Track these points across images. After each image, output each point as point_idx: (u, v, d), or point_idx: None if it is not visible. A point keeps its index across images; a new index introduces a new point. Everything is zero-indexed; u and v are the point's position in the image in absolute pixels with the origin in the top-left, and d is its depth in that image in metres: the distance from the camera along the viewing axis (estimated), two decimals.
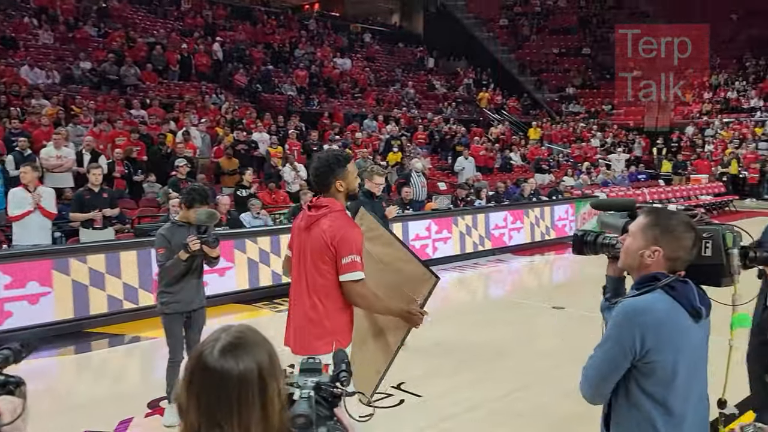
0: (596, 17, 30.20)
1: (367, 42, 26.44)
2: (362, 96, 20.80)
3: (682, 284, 1.85)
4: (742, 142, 21.36)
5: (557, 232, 12.14)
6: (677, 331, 1.82)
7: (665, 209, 1.95)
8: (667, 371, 1.82)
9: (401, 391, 4.76)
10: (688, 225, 1.87)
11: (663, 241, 1.84)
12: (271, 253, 8.31)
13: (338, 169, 3.02)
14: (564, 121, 24.05)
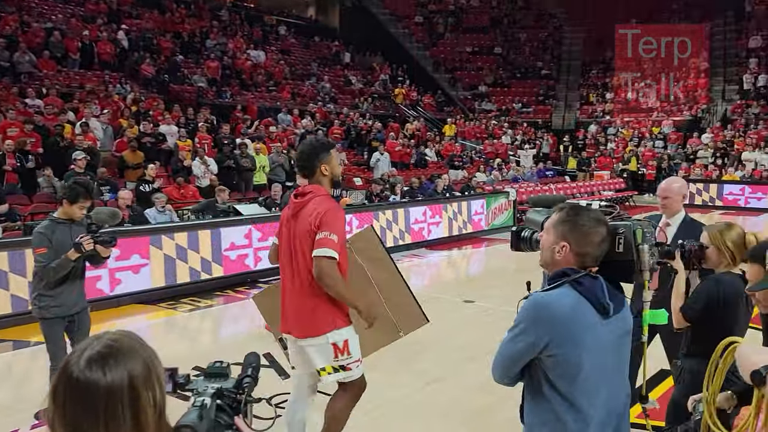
0: (507, 17, 31.11)
1: (282, 34, 25.96)
2: (277, 89, 20.38)
3: (591, 280, 1.83)
4: (641, 140, 22.64)
5: (474, 226, 12.45)
6: (582, 326, 1.80)
7: (578, 205, 1.92)
8: (570, 366, 1.81)
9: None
10: (597, 221, 1.86)
11: (571, 237, 1.84)
12: (189, 249, 8.01)
13: (323, 153, 3.11)
14: (477, 119, 24.62)
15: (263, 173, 12.37)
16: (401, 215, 10.87)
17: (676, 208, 3.69)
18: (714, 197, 17.40)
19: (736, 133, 21.11)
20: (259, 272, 8.73)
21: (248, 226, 8.61)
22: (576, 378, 1.81)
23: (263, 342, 5.94)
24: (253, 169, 12.16)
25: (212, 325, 7.39)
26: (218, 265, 8.25)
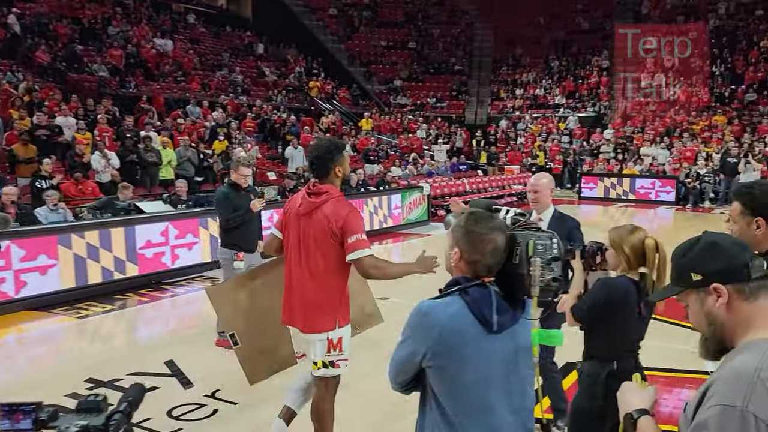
0: (421, 12, 31.42)
1: (191, 23, 25.01)
2: (186, 80, 19.62)
3: (480, 290, 1.73)
4: (548, 135, 23.51)
5: (394, 220, 12.53)
6: (462, 339, 1.70)
7: (479, 212, 1.83)
8: (449, 380, 1.73)
9: (215, 400, 4.41)
10: (492, 229, 1.76)
11: (462, 244, 1.77)
12: (101, 248, 7.60)
13: (337, 156, 3.19)
14: (392, 113, 24.73)
15: (170, 168, 11.83)
16: None
17: (545, 202, 3.72)
18: (627, 191, 18.23)
19: (635, 129, 22.33)
20: (177, 271, 8.42)
21: (165, 223, 8.26)
22: (457, 393, 1.73)
23: (177, 346, 5.68)
24: (158, 164, 11.60)
25: (126, 328, 7.00)
26: (133, 264, 7.92)
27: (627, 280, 2.75)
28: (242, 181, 5.50)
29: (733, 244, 1.38)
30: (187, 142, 12.48)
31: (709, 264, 1.36)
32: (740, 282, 1.33)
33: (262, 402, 4.35)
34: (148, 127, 12.55)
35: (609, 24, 28.25)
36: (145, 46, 19.73)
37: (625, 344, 2.80)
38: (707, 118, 21.73)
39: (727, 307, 1.34)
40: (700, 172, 17.73)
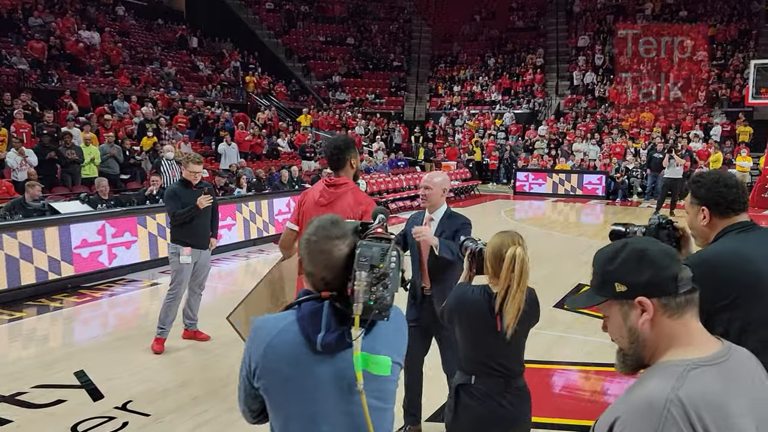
0: (359, 8, 31.30)
1: (120, 15, 24.09)
2: (114, 74, 18.87)
3: (313, 306, 1.56)
4: (485, 132, 23.85)
5: None
6: (286, 358, 1.54)
7: (325, 219, 1.64)
8: (274, 403, 1.58)
9: (126, 412, 4.21)
10: (329, 239, 1.57)
11: (302, 254, 1.63)
12: (35, 248, 7.25)
13: (352, 149, 3.41)
14: (331, 109, 24.55)
15: (93, 166, 11.33)
16: (264, 206, 10.66)
17: (437, 201, 3.63)
18: (575, 186, 18.61)
19: (568, 125, 22.93)
20: (114, 270, 8.13)
21: (101, 221, 7.95)
22: (287, 424, 1.57)
23: (93, 353, 5.41)
24: (80, 162, 11.09)
25: (62, 329, 6.65)
26: (68, 263, 7.62)
27: (480, 289, 2.56)
28: (192, 177, 5.45)
29: (662, 254, 1.24)
30: (112, 139, 11.98)
31: (635, 275, 1.23)
32: (667, 296, 1.21)
33: (174, 413, 4.19)
34: (70, 123, 11.96)
35: (543, 22, 28.93)
36: (70, 39, 18.87)
37: (480, 359, 2.56)
38: (635, 114, 22.52)
39: (652, 323, 1.22)
40: (629, 167, 18.36)
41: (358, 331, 1.50)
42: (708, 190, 2.14)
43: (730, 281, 1.95)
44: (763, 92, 18.21)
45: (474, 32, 30.06)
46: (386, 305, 1.52)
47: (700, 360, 1.17)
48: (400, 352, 1.64)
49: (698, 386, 1.12)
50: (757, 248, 2.01)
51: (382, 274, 1.51)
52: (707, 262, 2.02)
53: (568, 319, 6.41)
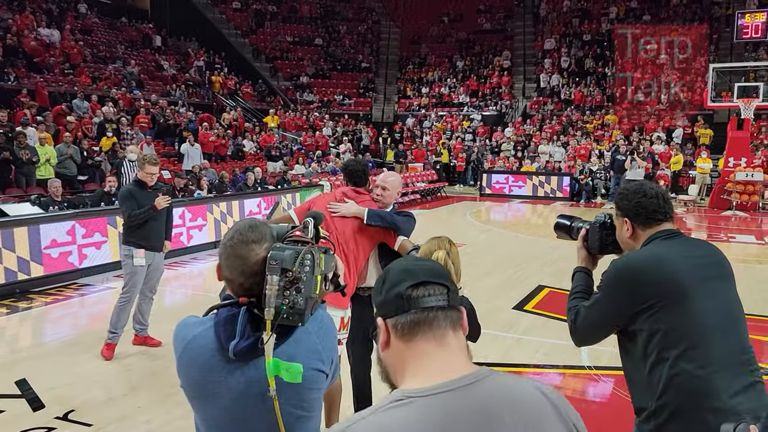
0: (327, 9, 31.17)
1: (82, 13, 23.56)
2: (74, 73, 18.43)
3: (229, 311, 1.52)
4: (452, 133, 23.93)
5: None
6: (200, 363, 1.50)
7: (244, 223, 1.60)
8: (196, 409, 1.55)
9: (68, 422, 4.05)
10: (245, 243, 1.52)
11: (220, 260, 1.58)
12: (3, 248, 7.12)
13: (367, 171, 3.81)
14: (298, 110, 24.37)
15: (49, 166, 11.01)
16: (235, 207, 10.52)
17: (389, 201, 3.66)
18: (555, 189, 18.71)
19: (534, 127, 23.14)
20: (85, 270, 7.96)
21: (71, 221, 7.74)
22: (204, 424, 1.54)
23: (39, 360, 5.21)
24: (35, 162, 10.77)
25: (31, 329, 6.43)
26: (38, 264, 7.43)
27: None
28: (148, 179, 5.31)
29: (400, 271, 1.17)
30: (69, 139, 11.67)
31: (376, 296, 1.19)
32: (396, 316, 1.14)
33: (118, 421, 4.05)
34: (24, 123, 11.61)
35: (510, 25, 29.17)
36: (28, 36, 18.37)
37: None
38: (600, 117, 22.84)
39: (387, 345, 1.16)
40: (593, 169, 18.59)
41: (269, 336, 1.45)
42: (629, 201, 2.14)
43: (650, 286, 1.95)
44: (725, 96, 18.64)
45: (442, 34, 30.17)
46: (299, 310, 1.47)
47: (411, 391, 1.07)
48: (325, 359, 1.57)
49: (374, 424, 1.04)
50: (679, 255, 2.01)
51: (294, 278, 1.47)
52: (628, 267, 2.03)
53: (527, 321, 6.42)
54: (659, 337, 1.93)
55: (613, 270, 2.05)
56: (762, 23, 17.98)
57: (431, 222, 14.10)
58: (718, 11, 25.42)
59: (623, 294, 1.99)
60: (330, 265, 1.63)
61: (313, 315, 1.56)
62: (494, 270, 8.77)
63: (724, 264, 2.07)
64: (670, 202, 2.17)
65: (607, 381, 4.79)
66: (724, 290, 2.01)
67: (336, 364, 1.64)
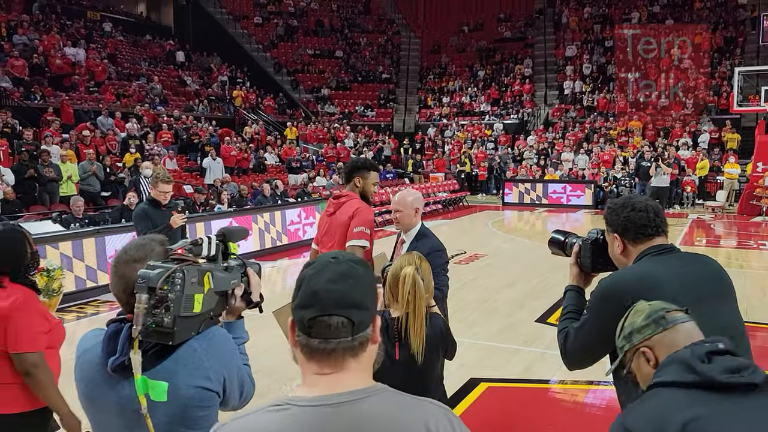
0: (347, 21, 31.36)
1: (107, 32, 24.05)
2: (99, 90, 18.76)
3: (116, 328, 1.55)
4: (474, 142, 23.79)
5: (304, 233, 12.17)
6: (87, 375, 1.55)
7: (138, 240, 1.65)
8: (87, 416, 1.61)
9: None
10: (126, 262, 1.56)
11: (110, 278, 1.68)
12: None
13: (361, 170, 3.81)
14: (320, 121, 24.48)
15: (72, 183, 11.15)
16: (278, 217, 10.83)
17: (409, 222, 3.47)
18: (540, 196, 18.58)
19: (556, 135, 22.89)
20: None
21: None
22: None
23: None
24: (58, 180, 10.93)
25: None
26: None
27: (380, 316, 2.44)
28: (161, 197, 5.22)
29: (311, 293, 1.16)
30: (92, 156, 11.83)
31: (293, 297, 1.23)
32: (298, 332, 1.17)
33: None
34: (48, 140, 11.81)
35: (530, 33, 29.00)
36: (54, 55, 18.77)
37: None
38: (624, 123, 22.51)
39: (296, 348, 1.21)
40: (617, 176, 18.29)
41: (136, 354, 1.47)
42: (617, 215, 2.03)
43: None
44: (751, 99, 18.24)
45: (462, 43, 30.12)
46: (166, 329, 1.47)
47: (294, 398, 1.13)
48: (213, 377, 1.56)
49: (242, 425, 1.12)
50: (670, 272, 1.88)
51: (162, 297, 1.46)
52: (613, 286, 1.92)
53: (551, 334, 6.27)
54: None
55: (599, 290, 1.95)
56: None
57: (454, 232, 13.98)
58: (743, 14, 24.95)
59: (609, 315, 1.84)
60: (225, 282, 1.64)
61: (203, 333, 1.56)
62: (517, 281, 8.63)
63: (722, 279, 1.94)
64: (662, 215, 2.04)
65: None
66: (722, 309, 1.88)
67: (241, 382, 1.64)
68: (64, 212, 8.73)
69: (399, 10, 32.73)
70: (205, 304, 1.54)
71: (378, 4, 33.25)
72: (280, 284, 9.46)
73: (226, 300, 1.67)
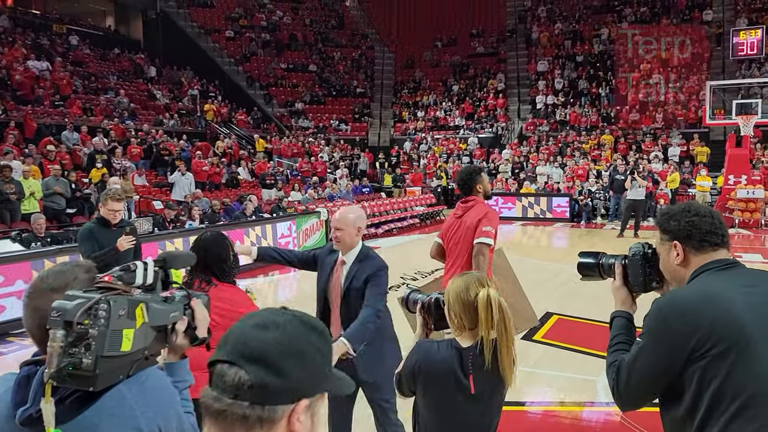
0: (321, 35, 31.24)
1: (73, 45, 23.50)
2: (64, 104, 18.23)
3: (29, 371, 1.33)
4: (449, 156, 23.75)
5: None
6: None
7: (57, 267, 1.42)
8: None
9: None
10: (39, 294, 1.34)
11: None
12: None
13: (477, 177, 4.18)
14: (294, 136, 24.20)
15: (34, 200, 10.66)
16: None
17: (351, 242, 3.19)
18: (544, 209, 18.41)
19: (531, 148, 22.97)
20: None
21: (53, 258, 7.06)
22: None
23: None
24: (20, 196, 10.43)
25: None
26: None
27: (447, 345, 2.13)
28: (111, 216, 4.81)
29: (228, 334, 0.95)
30: (58, 172, 11.37)
31: None
32: None
33: None
34: (8, 156, 11.32)
35: (503, 48, 29.23)
36: (17, 69, 18.20)
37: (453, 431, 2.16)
38: (596, 137, 22.69)
39: None
40: (592, 190, 18.36)
41: (48, 403, 1.20)
42: (678, 221, 1.80)
43: (702, 329, 1.60)
44: (718, 113, 18.52)
45: (436, 58, 30.22)
46: (86, 371, 1.19)
47: None
48: (145, 427, 1.29)
49: None
50: (739, 291, 1.66)
51: (82, 333, 1.20)
52: (674, 306, 1.69)
53: (538, 352, 6.08)
54: (711, 392, 1.57)
55: (656, 311, 1.69)
56: (757, 40, 17.95)
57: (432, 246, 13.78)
58: (709, 31, 25.48)
59: (670, 340, 1.63)
60: (164, 315, 1.38)
61: (135, 375, 1.31)
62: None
63: None
64: (725, 224, 1.82)
65: (626, 421, 4.44)
66: None
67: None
68: (25, 230, 8.28)
69: (372, 25, 32.75)
70: (136, 342, 1.27)
71: (351, 18, 33.24)
72: (271, 297, 9.26)
73: (166, 336, 1.41)
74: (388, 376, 3.11)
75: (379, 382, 3.14)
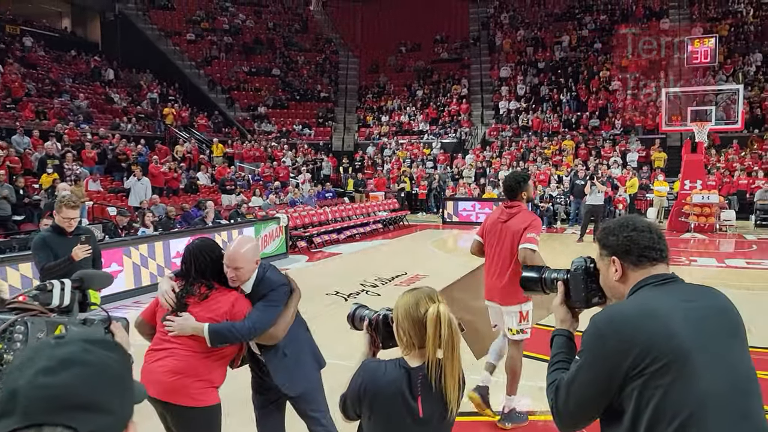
0: (285, 39, 31.00)
1: (27, 46, 22.82)
2: (16, 108, 17.65)
3: None
4: (413, 161, 23.76)
5: None
6: None
7: None
8: None
9: None
10: None
11: None
12: None
13: (524, 184, 4.37)
14: (256, 140, 23.90)
15: None
16: (158, 249, 9.63)
17: (249, 277, 2.90)
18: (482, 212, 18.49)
19: (493, 154, 23.13)
20: None
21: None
22: None
23: None
24: None
25: None
26: None
27: (395, 365, 2.01)
28: (66, 224, 4.58)
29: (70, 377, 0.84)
30: (2, 177, 10.95)
31: None
32: None
33: None
34: None
35: (466, 54, 29.42)
36: None
37: None
38: (557, 142, 22.97)
39: None
40: (553, 194, 18.55)
41: None
42: (616, 236, 1.75)
43: (640, 346, 1.55)
44: (674, 119, 18.92)
45: (400, 63, 30.26)
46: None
47: None
48: None
49: None
50: (676, 306, 1.61)
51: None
52: (611, 323, 1.63)
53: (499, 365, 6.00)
54: (650, 411, 1.51)
55: (593, 327, 1.63)
56: (710, 48, 18.39)
57: (394, 252, 13.72)
58: (666, 39, 26.07)
59: (607, 357, 1.58)
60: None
61: None
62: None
63: (733, 316, 1.66)
64: (664, 239, 1.78)
65: None
66: (733, 351, 1.60)
67: None
68: None
69: (337, 30, 32.65)
70: None
71: (315, 22, 33.09)
72: None
73: None
74: (313, 387, 3.12)
75: (304, 394, 3.10)
